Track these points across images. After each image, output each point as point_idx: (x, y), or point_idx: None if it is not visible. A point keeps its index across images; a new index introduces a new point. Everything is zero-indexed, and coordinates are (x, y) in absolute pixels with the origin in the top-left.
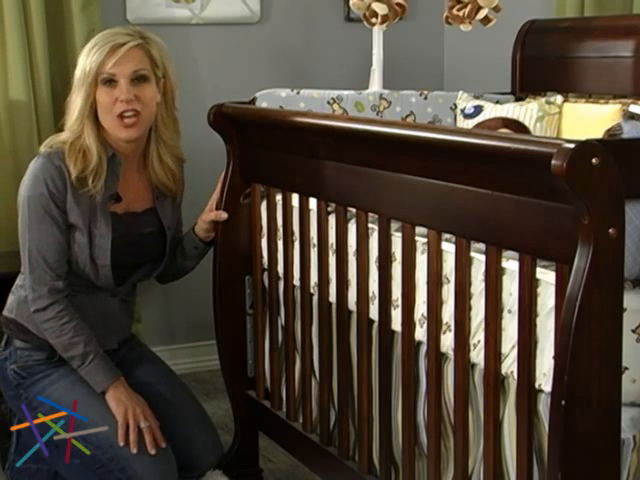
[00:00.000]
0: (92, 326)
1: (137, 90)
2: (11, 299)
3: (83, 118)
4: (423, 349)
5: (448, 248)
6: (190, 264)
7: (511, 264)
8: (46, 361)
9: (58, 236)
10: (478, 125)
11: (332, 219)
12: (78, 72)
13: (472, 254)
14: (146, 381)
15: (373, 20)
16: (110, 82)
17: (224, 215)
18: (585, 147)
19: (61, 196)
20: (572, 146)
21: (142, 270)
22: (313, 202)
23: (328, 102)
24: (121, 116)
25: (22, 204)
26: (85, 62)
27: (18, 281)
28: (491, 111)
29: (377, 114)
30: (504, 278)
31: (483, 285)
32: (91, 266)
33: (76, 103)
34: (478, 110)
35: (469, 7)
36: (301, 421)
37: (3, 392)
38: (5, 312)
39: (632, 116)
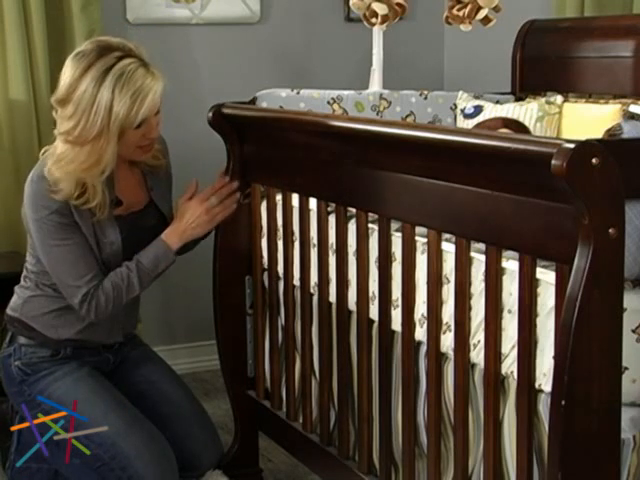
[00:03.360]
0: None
1: (158, 119)
2: (15, 299)
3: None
4: (423, 349)
5: (448, 248)
6: (188, 245)
7: (511, 264)
8: (50, 358)
9: (79, 241)
10: (478, 125)
11: (332, 219)
12: (103, 113)
13: (472, 254)
14: (151, 379)
15: (373, 20)
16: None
17: (234, 184)
18: (585, 147)
19: (66, 211)
20: (572, 146)
21: None
22: (313, 202)
23: (328, 102)
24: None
25: (33, 228)
26: (118, 107)
27: (23, 282)
28: (491, 111)
29: (377, 114)
30: (504, 278)
31: (483, 285)
32: (103, 268)
33: (103, 153)
34: (478, 110)
35: (469, 7)
36: (301, 421)
37: (6, 388)
38: (9, 311)
39: (632, 116)
